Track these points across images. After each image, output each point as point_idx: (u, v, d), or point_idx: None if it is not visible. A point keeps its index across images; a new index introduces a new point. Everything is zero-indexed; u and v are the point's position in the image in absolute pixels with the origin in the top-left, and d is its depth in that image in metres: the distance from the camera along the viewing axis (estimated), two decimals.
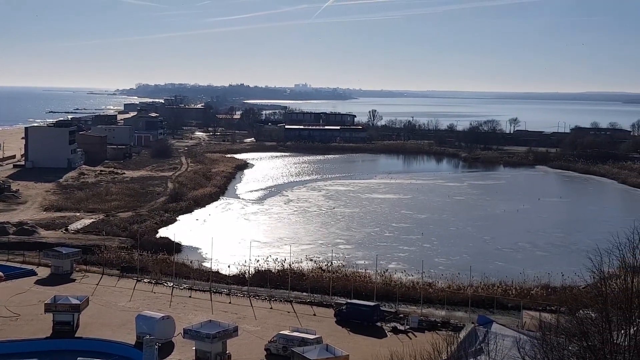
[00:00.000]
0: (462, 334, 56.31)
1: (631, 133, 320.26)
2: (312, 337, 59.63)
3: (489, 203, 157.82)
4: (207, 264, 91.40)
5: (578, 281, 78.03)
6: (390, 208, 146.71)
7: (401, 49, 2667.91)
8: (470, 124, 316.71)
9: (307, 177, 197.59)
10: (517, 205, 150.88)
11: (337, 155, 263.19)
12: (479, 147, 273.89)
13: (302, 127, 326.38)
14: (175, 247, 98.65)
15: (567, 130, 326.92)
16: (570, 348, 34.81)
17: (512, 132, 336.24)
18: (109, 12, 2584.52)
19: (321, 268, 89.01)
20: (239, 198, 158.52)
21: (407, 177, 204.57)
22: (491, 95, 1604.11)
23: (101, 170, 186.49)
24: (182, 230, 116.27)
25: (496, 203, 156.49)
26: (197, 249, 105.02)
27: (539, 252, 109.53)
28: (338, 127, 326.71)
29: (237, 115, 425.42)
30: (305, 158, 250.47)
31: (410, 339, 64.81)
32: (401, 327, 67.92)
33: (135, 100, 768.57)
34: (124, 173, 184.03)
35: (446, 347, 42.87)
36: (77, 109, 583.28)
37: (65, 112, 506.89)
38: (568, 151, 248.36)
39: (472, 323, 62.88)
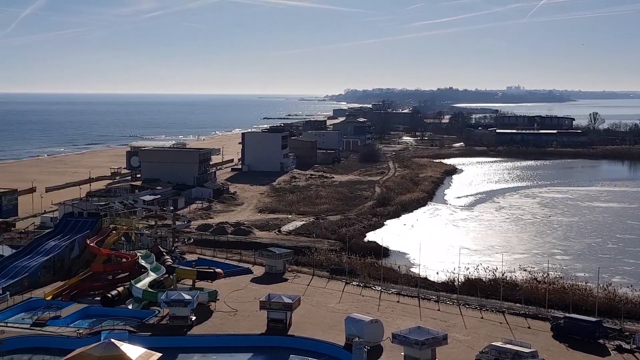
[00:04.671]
0: None
1: None
2: (526, 350, 56.11)
3: None
4: (415, 270, 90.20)
5: None
6: (614, 218, 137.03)
7: (625, 46, 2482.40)
8: None
9: (520, 184, 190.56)
10: None
11: (553, 161, 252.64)
12: None
13: (514, 131, 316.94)
14: (383, 252, 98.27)
15: None
16: None
17: None
18: (318, 21, 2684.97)
19: (536, 279, 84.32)
20: (448, 204, 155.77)
21: (634, 184, 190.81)
22: None
23: (311, 174, 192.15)
24: (390, 234, 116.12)
25: None
26: (405, 254, 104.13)
27: None
28: (554, 131, 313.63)
29: (446, 119, 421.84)
30: (518, 163, 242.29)
31: (638, 359, 59.01)
32: (627, 346, 62.20)
33: (344, 105, 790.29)
34: (333, 177, 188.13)
35: None
36: (289, 115, 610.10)
37: (278, 118, 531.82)
38: None
39: None
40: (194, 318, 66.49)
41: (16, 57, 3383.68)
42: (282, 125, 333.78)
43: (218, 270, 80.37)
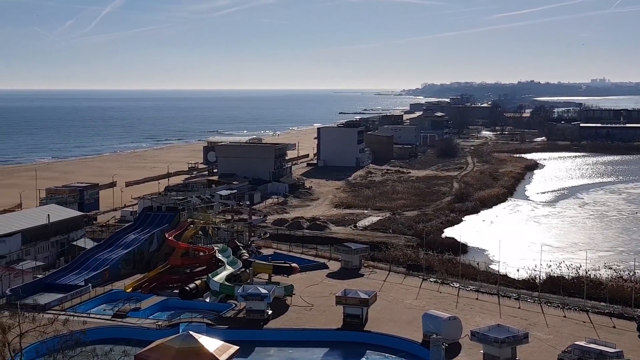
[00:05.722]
0: None
1: None
2: (611, 350, 54.11)
3: None
4: (494, 267, 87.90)
5: None
6: None
7: None
8: None
9: (605, 179, 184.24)
10: None
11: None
12: None
13: (599, 125, 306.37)
14: (461, 248, 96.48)
15: None
16: None
17: None
18: (395, 14, 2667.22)
19: (622, 277, 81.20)
20: (528, 200, 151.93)
21: None
22: None
23: (387, 169, 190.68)
24: (468, 230, 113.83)
25: None
26: (484, 250, 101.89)
27: None
28: None
29: (527, 113, 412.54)
30: (603, 158, 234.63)
31: None
32: None
33: (421, 100, 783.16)
34: (410, 172, 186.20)
35: None
36: (365, 110, 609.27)
37: (354, 113, 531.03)
38: None
39: None
40: (270, 312, 66.69)
41: (97, 54, 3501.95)
42: (358, 120, 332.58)
43: (294, 264, 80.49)
